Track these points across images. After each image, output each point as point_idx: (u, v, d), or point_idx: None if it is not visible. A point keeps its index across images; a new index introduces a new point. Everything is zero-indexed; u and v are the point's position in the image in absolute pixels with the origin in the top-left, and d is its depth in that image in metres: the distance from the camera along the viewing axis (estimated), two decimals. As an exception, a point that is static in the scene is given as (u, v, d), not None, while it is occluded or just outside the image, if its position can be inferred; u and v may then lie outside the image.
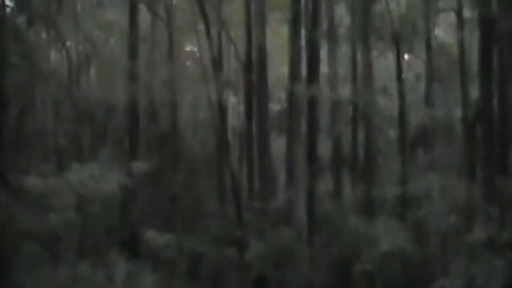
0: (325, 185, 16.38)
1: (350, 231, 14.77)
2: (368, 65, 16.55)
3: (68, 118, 16.97)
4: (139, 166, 14.47)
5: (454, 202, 14.53)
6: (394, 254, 14.08)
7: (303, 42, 16.12)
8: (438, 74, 17.44)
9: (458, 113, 16.21)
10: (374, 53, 17.88)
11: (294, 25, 16.07)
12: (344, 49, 17.80)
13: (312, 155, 15.60)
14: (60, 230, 13.72)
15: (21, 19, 17.69)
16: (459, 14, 16.11)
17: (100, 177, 13.64)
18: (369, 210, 15.49)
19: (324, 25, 16.76)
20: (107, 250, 13.89)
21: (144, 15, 17.73)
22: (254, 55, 16.14)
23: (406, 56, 19.32)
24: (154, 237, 14.34)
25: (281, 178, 17.18)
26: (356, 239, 14.53)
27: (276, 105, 19.67)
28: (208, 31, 15.57)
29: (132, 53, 16.04)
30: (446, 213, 14.37)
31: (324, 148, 16.67)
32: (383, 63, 19.56)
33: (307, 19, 16.12)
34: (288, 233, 14.91)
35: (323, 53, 16.67)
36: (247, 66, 16.52)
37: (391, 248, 13.93)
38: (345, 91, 16.97)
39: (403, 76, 17.02)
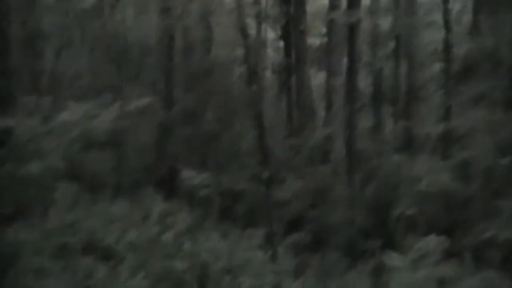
0: (365, 121, 16.07)
1: (390, 169, 14.54)
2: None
3: (104, 58, 16.93)
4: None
5: (501, 139, 14.13)
6: (436, 194, 13.84)
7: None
8: (485, 4, 16.84)
9: (505, 44, 15.65)
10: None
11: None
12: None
13: (352, 91, 15.22)
14: (98, 169, 13.85)
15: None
16: None
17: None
18: (411, 148, 15.21)
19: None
20: (143, 189, 13.99)
21: None
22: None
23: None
24: (190, 176, 14.36)
25: (320, 114, 17.00)
26: (396, 178, 14.31)
27: (316, 40, 19.35)
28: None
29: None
30: (493, 151, 14.00)
31: (365, 84, 16.36)
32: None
33: None
34: (326, 171, 14.79)
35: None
36: (285, -1, 16.19)
37: (433, 188, 13.69)
38: (387, 22, 16.52)
39: (449, 6, 16.44)
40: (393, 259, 12.72)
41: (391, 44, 16.60)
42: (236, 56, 17.67)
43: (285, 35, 16.51)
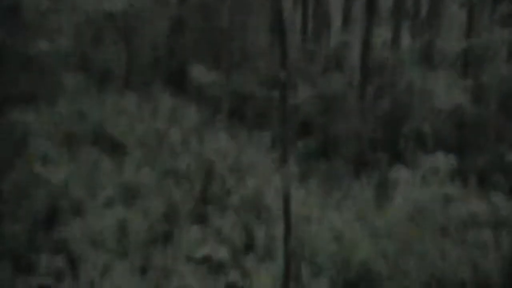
0: (383, 34, 15.80)
1: (405, 83, 14.41)
2: None
3: None
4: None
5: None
6: (450, 113, 13.75)
7: None
8: None
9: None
10: None
11: None
12: None
13: (371, 2, 14.90)
14: (108, 63, 13.70)
15: None
16: None
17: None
18: (428, 64, 15.00)
19: None
20: (152, 84, 13.90)
21: None
22: None
23: None
24: (200, 73, 14.23)
25: (337, 22, 16.68)
26: (411, 93, 14.19)
27: None
28: None
29: None
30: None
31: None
32: None
33: None
34: (339, 79, 14.63)
35: None
36: None
37: (447, 106, 13.59)
38: None
39: None
40: (400, 172, 12.79)
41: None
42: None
43: None
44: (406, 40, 16.29)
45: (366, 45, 14.60)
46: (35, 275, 8.59)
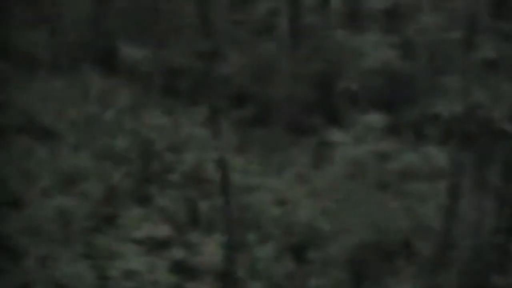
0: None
1: (335, 45, 14.65)
2: None
3: None
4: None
5: (450, 14, 14.28)
6: (380, 71, 14.07)
7: None
8: None
9: None
10: None
11: None
12: None
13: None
14: (31, 47, 13.51)
15: None
16: None
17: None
18: (356, 24, 15.26)
19: None
20: (81, 66, 13.78)
21: None
22: None
23: None
24: (130, 52, 14.19)
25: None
26: (341, 53, 14.45)
27: None
28: None
29: None
30: (441, 26, 14.16)
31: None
32: None
33: None
34: (269, 46, 14.79)
35: None
36: None
37: (377, 64, 13.89)
38: None
39: None
40: (336, 134, 13.10)
41: None
42: None
43: None
44: (334, 2, 16.52)
45: (295, 9, 14.78)
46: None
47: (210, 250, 10.41)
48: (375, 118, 13.19)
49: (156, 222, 10.48)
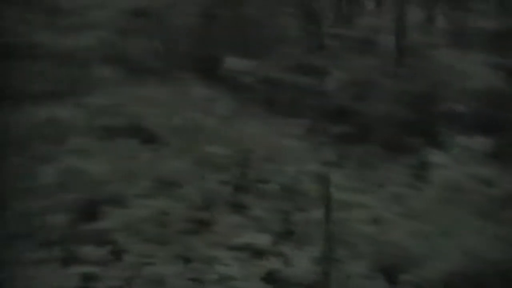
0: (417, 14, 15.88)
1: (439, 64, 14.49)
2: None
3: None
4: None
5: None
6: (484, 92, 13.82)
7: None
8: None
9: None
10: None
11: None
12: None
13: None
14: (141, 54, 14.00)
15: None
16: None
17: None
18: (464, 43, 15.05)
19: None
20: (185, 75, 14.18)
21: None
22: None
23: None
24: (233, 62, 14.47)
25: (369, 4, 16.83)
26: (446, 73, 14.28)
27: None
28: None
29: None
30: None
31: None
32: None
33: None
34: (371, 63, 14.78)
35: None
36: None
37: (481, 85, 13.66)
38: None
39: None
40: (435, 156, 12.92)
41: None
42: None
43: None
44: (440, 20, 16.36)
45: (400, 26, 14.71)
46: (79, 264, 8.95)
47: (303, 263, 10.43)
48: (478, 141, 12.93)
49: (251, 231, 10.59)
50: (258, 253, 10.31)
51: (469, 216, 11.83)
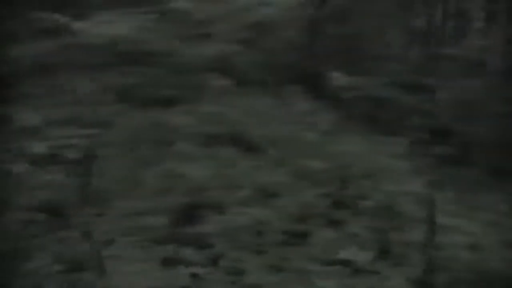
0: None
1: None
2: None
3: None
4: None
5: None
6: None
7: None
8: None
9: None
10: None
11: None
12: None
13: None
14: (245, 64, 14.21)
15: None
16: None
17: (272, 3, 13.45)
18: None
19: None
20: (288, 87, 14.27)
21: None
22: None
23: None
24: (336, 77, 14.47)
25: (477, 25, 16.47)
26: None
27: None
28: None
29: None
30: None
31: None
32: None
33: None
34: (478, 84, 14.44)
35: None
36: None
37: None
38: None
39: None
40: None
41: None
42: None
43: None
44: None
45: (507, 47, 14.33)
46: (178, 265, 9.13)
47: (399, 283, 10.25)
48: None
49: (348, 247, 10.51)
50: (354, 269, 10.19)
51: None
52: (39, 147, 9.27)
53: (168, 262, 9.01)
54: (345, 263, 10.44)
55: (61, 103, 9.69)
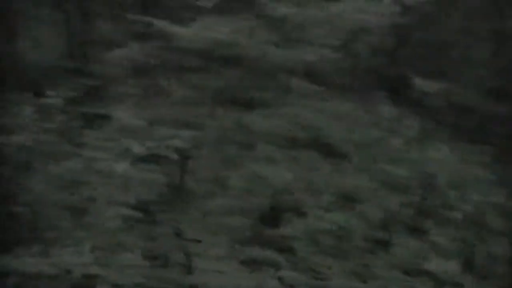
0: None
1: None
2: None
3: None
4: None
5: None
6: None
7: None
8: None
9: None
10: None
11: None
12: None
13: None
14: (320, 67, 14.11)
15: None
16: None
17: (366, 10, 13.39)
18: None
19: None
20: (372, 92, 14.10)
21: None
22: None
23: None
24: (422, 84, 14.19)
25: None
26: None
27: None
28: None
29: None
30: None
31: None
32: None
33: None
34: None
35: None
36: None
37: None
38: None
39: None
40: None
41: None
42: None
43: None
44: None
45: None
46: (267, 267, 9.17)
47: (484, 298, 10.02)
48: None
49: (431, 257, 10.32)
50: (437, 281, 10.02)
51: None
52: (139, 147, 9.49)
53: (253, 264, 9.04)
54: (429, 274, 10.28)
55: (158, 104, 9.86)
